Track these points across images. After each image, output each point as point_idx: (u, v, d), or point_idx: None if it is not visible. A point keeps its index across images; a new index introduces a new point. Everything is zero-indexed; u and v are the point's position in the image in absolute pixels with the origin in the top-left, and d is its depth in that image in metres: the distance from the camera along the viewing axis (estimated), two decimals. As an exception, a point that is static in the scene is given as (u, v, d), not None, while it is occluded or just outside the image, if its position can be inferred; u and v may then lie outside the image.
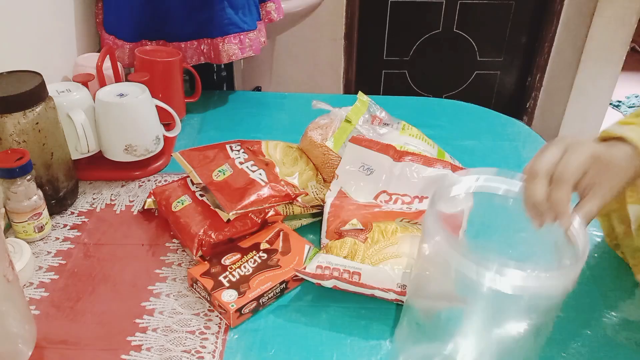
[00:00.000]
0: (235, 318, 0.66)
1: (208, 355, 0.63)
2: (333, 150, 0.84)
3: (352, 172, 0.81)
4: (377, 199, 0.80)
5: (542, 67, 2.41)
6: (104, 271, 0.74)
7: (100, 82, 0.95)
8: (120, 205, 0.87)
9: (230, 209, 0.74)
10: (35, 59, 0.95)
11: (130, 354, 0.63)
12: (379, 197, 0.80)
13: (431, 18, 2.37)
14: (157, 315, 0.68)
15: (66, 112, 0.83)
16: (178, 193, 0.82)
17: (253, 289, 0.68)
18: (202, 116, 1.13)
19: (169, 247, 0.79)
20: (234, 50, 1.09)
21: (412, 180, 0.79)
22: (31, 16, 0.95)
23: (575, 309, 0.70)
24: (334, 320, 0.69)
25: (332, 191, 0.81)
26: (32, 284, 0.72)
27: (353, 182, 0.81)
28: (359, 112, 0.88)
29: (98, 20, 1.17)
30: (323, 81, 2.41)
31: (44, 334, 0.65)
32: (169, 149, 0.99)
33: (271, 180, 0.79)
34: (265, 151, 0.87)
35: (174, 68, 1.03)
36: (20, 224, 0.76)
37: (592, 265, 0.77)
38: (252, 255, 0.73)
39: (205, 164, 0.83)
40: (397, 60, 2.48)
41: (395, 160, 0.80)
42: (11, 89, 0.74)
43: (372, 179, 0.80)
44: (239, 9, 1.08)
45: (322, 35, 2.29)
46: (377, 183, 0.80)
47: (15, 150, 0.74)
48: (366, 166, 0.80)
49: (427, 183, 0.79)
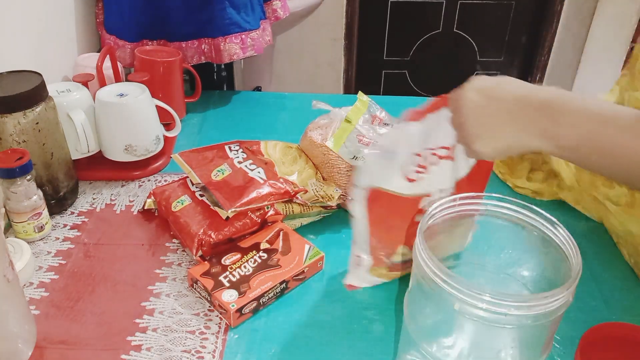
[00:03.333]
0: (236, 318, 0.66)
1: (208, 355, 0.63)
2: (333, 150, 0.84)
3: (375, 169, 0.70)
4: (410, 171, 0.68)
5: (542, 67, 2.41)
6: (104, 271, 0.74)
7: (100, 82, 0.95)
8: (120, 205, 0.87)
9: (229, 207, 0.74)
10: (35, 59, 0.95)
11: (130, 354, 0.63)
12: (410, 166, 0.67)
13: (431, 18, 2.37)
14: (157, 315, 0.68)
15: (66, 112, 0.83)
16: (178, 193, 0.82)
17: (253, 288, 0.68)
18: (202, 116, 1.13)
19: (169, 247, 0.79)
20: (235, 50, 1.09)
21: (440, 128, 0.67)
22: (31, 16, 0.95)
23: (575, 308, 0.70)
24: (334, 320, 0.69)
25: (357, 198, 0.70)
26: (32, 284, 0.72)
27: (381, 174, 0.69)
28: (359, 112, 0.88)
29: (98, 20, 1.17)
30: (323, 81, 2.41)
31: (44, 334, 0.65)
32: (169, 149, 0.99)
33: (270, 178, 0.79)
34: (264, 151, 0.88)
35: (174, 68, 1.03)
36: (20, 224, 0.76)
37: (592, 265, 0.77)
38: (252, 255, 0.73)
39: (204, 164, 0.83)
40: (397, 60, 2.48)
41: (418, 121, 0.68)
42: (11, 89, 0.74)
43: (394, 159, 0.68)
44: (241, 9, 1.08)
45: (322, 35, 2.29)
46: (400, 156, 0.67)
47: (15, 150, 0.74)
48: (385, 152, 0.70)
49: None
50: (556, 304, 0.48)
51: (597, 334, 0.61)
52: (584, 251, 0.52)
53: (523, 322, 0.48)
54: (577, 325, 0.64)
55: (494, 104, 0.56)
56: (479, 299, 0.47)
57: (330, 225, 0.84)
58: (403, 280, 0.74)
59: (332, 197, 0.81)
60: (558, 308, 0.48)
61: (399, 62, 2.48)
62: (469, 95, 0.57)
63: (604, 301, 0.72)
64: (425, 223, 0.55)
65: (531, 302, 0.47)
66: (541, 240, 0.57)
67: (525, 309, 0.47)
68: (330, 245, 0.78)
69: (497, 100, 0.56)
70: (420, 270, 0.52)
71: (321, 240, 0.81)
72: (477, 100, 0.57)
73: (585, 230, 0.85)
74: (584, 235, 0.83)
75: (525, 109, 0.54)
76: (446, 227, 0.64)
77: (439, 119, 0.66)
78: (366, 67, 2.47)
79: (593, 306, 0.71)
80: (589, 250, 0.80)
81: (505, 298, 0.46)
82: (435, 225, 0.59)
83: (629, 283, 0.76)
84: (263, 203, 0.77)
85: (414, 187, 0.67)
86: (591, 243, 0.82)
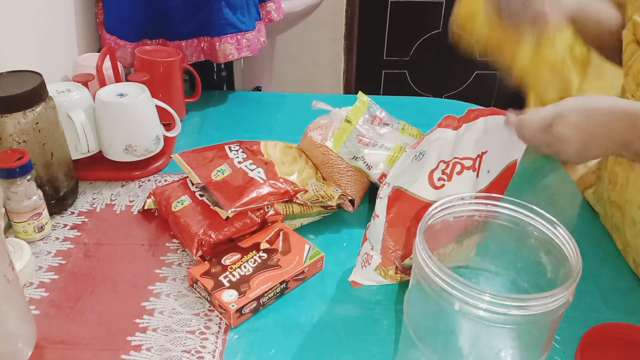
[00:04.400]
0: (236, 318, 0.66)
1: (208, 355, 0.63)
2: (333, 150, 0.84)
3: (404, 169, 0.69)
4: (435, 177, 0.68)
5: (542, 67, 2.41)
6: (104, 271, 0.74)
7: (100, 82, 0.95)
8: (120, 205, 0.87)
9: (229, 207, 0.74)
10: (35, 59, 0.95)
11: (130, 354, 0.63)
12: (436, 172, 0.68)
13: (431, 18, 2.37)
14: (157, 315, 0.68)
15: (66, 112, 0.83)
16: (178, 193, 0.82)
17: (253, 288, 0.68)
18: (202, 116, 1.13)
19: (169, 247, 0.79)
20: (231, 50, 1.09)
21: (469, 139, 0.68)
22: (31, 16, 0.95)
23: (575, 308, 0.70)
24: (334, 320, 0.69)
25: (382, 198, 0.69)
26: (32, 284, 0.72)
27: (409, 175, 0.69)
28: (359, 112, 0.88)
29: (98, 20, 1.17)
30: (323, 81, 2.41)
31: (44, 334, 0.65)
32: (169, 149, 0.99)
33: (270, 178, 0.79)
34: (264, 151, 0.88)
35: (174, 68, 1.03)
36: (20, 224, 0.76)
37: (592, 265, 0.77)
38: (252, 255, 0.73)
39: (204, 164, 0.83)
40: (397, 60, 2.48)
41: (454, 129, 0.67)
42: (11, 89, 0.74)
43: (424, 162, 0.68)
44: (237, 9, 1.08)
45: (322, 35, 2.29)
46: (430, 161, 0.68)
47: (15, 150, 0.74)
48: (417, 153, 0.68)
49: (489, 131, 0.68)
50: (556, 304, 0.48)
51: (597, 334, 0.61)
52: (584, 251, 0.52)
53: (523, 322, 0.48)
54: (577, 325, 0.64)
55: (591, 118, 0.61)
56: (479, 299, 0.47)
57: (330, 225, 0.84)
58: (404, 281, 0.74)
59: (332, 197, 0.81)
60: (558, 308, 0.48)
61: (399, 62, 2.48)
62: (571, 116, 0.61)
63: (604, 301, 0.72)
64: (425, 223, 0.55)
65: (531, 302, 0.47)
66: (541, 241, 0.57)
67: (525, 309, 0.47)
68: (330, 245, 0.79)
69: (595, 115, 0.61)
70: (420, 271, 0.52)
71: (321, 240, 0.81)
72: (578, 119, 0.61)
73: (585, 230, 0.85)
74: (584, 235, 0.83)
75: (616, 120, 0.60)
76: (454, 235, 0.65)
77: (471, 129, 0.67)
78: (366, 67, 2.47)
79: (593, 306, 0.71)
80: (589, 250, 0.80)
81: (505, 298, 0.47)
82: (443, 231, 0.59)
83: (629, 283, 0.76)
84: (263, 203, 0.77)
85: (436, 194, 0.68)
86: (591, 243, 0.82)
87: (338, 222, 0.84)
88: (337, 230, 0.83)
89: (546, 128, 0.62)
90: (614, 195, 0.80)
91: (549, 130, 0.61)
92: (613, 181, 0.81)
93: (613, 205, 0.80)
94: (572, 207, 0.88)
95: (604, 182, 0.83)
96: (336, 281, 0.74)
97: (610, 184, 0.81)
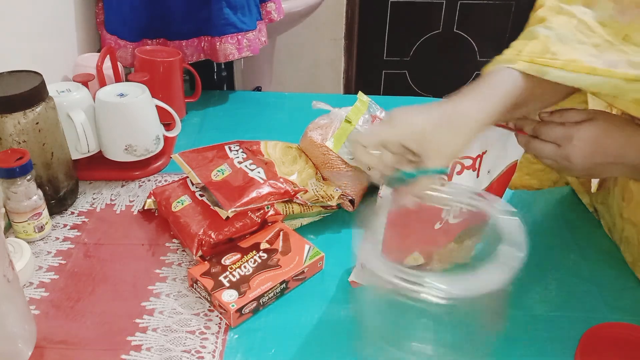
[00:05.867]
0: (236, 318, 0.66)
1: (208, 355, 0.63)
2: (333, 151, 0.84)
3: None
4: None
5: (542, 67, 2.41)
6: (104, 271, 0.74)
7: (100, 82, 0.95)
8: (120, 205, 0.87)
9: (229, 207, 0.74)
10: (35, 59, 0.95)
11: (130, 354, 0.63)
12: None
13: (431, 18, 2.37)
14: (157, 315, 0.68)
15: (66, 112, 0.83)
16: (178, 193, 0.82)
17: (253, 289, 0.68)
18: (202, 116, 1.13)
19: (169, 247, 0.79)
20: (231, 50, 1.09)
21: None
22: (31, 16, 0.95)
23: (575, 308, 0.71)
24: (334, 321, 0.69)
25: (382, 198, 0.70)
26: (32, 284, 0.72)
27: None
28: (359, 112, 0.88)
29: (98, 20, 1.17)
30: (323, 81, 2.41)
31: (44, 334, 0.65)
32: (169, 149, 0.99)
33: (270, 178, 0.79)
34: (264, 151, 0.88)
35: (174, 68, 1.03)
36: (20, 224, 0.76)
37: (592, 265, 0.77)
38: (252, 255, 0.73)
39: (204, 164, 0.83)
40: (397, 60, 2.48)
41: None
42: (11, 89, 0.74)
43: None
44: (238, 9, 1.08)
45: (322, 35, 2.29)
46: None
47: (15, 150, 0.74)
48: None
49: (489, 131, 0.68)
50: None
51: (597, 334, 0.61)
52: (584, 251, 0.52)
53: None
54: (577, 325, 0.64)
55: (602, 149, 0.61)
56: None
57: (330, 225, 0.84)
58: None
59: (332, 197, 0.81)
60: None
61: (399, 62, 2.48)
62: (582, 147, 0.61)
63: (604, 301, 0.72)
64: None
65: None
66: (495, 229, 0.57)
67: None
68: (330, 245, 0.78)
69: (607, 149, 0.61)
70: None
71: (321, 240, 0.81)
72: (590, 151, 0.61)
73: (586, 230, 0.85)
74: (584, 235, 0.83)
75: (631, 149, 0.60)
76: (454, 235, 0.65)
77: None
78: (366, 67, 2.47)
79: (593, 306, 0.71)
80: (589, 250, 0.80)
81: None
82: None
83: (629, 283, 0.76)
84: (263, 203, 0.77)
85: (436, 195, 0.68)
86: (592, 243, 0.82)
87: (338, 222, 0.84)
88: (337, 230, 0.83)
89: (554, 149, 0.62)
90: (628, 212, 0.77)
91: (557, 151, 0.62)
92: (627, 198, 0.77)
93: (627, 222, 0.78)
94: (572, 208, 0.88)
95: (615, 197, 0.80)
96: (336, 281, 0.74)
97: (624, 201, 0.78)
